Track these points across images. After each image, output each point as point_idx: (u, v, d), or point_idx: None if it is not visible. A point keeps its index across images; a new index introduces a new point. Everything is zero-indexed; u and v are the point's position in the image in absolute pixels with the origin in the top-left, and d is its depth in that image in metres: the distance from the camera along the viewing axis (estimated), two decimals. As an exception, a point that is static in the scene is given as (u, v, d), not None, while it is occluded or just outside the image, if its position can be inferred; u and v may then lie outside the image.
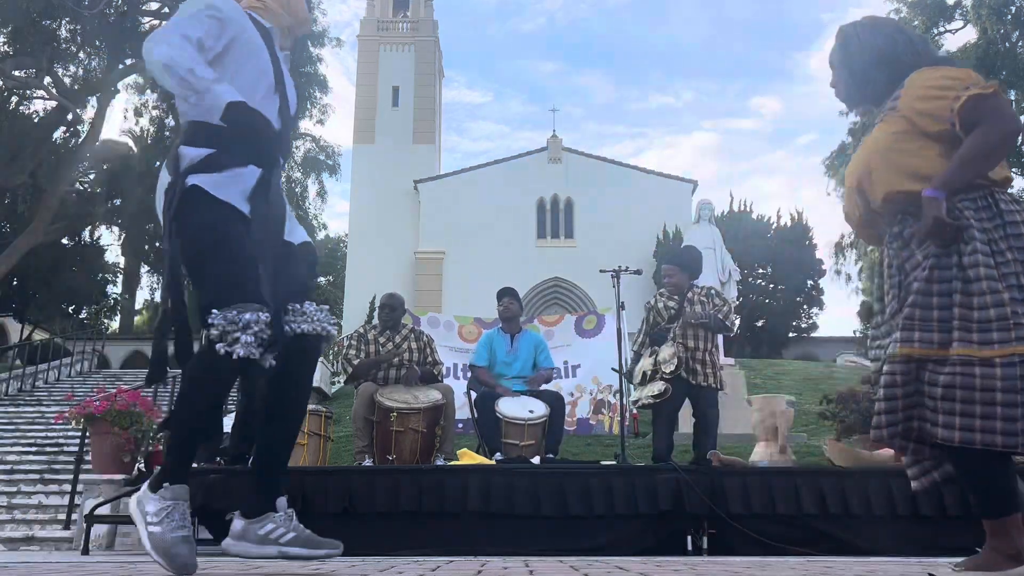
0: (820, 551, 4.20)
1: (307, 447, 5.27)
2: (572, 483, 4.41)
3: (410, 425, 5.21)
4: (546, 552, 4.09)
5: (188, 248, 2.16)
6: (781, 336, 27.45)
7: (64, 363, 17.45)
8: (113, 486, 6.00)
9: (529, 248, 27.57)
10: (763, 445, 5.26)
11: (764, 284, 27.45)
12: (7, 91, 21.66)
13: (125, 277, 32.39)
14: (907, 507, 4.35)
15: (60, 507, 8.03)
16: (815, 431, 9.30)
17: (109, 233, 29.89)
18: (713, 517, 4.31)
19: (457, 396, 6.12)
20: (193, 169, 2.16)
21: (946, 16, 25.23)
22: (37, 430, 11.44)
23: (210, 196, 2.15)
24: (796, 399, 7.36)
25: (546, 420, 5.68)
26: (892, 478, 4.39)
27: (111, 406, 6.05)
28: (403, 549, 4.03)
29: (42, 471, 9.36)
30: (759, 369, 15.48)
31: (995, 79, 23.02)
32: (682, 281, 5.80)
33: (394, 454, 5.16)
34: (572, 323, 10.13)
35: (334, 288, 34.68)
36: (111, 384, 13.61)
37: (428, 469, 4.75)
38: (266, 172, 2.25)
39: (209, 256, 2.13)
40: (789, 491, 4.40)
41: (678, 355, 5.48)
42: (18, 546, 7.14)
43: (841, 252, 28.62)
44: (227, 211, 2.16)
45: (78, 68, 22.64)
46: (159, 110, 24.68)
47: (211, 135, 2.18)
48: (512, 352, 6.13)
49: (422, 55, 31.87)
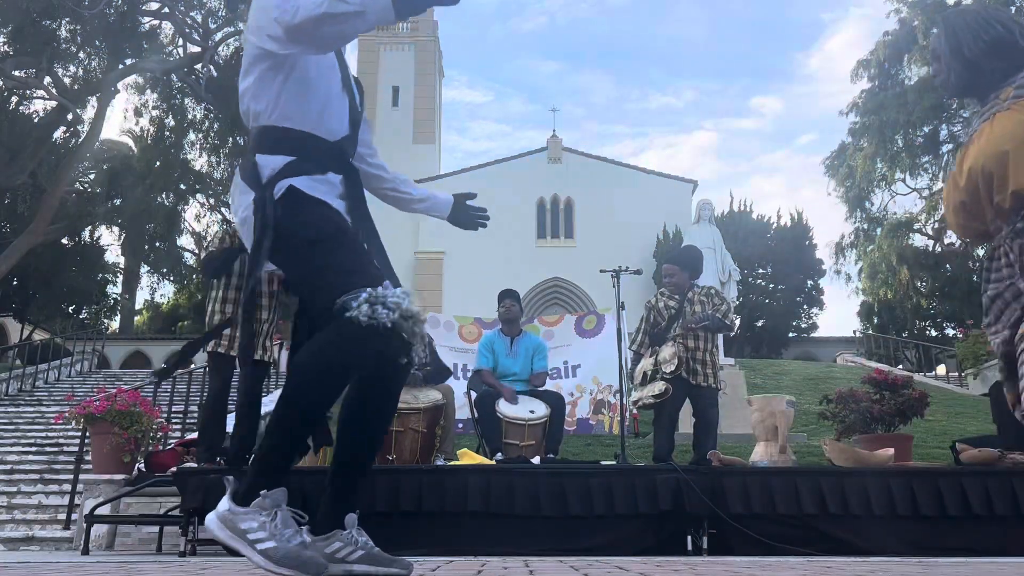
0: (820, 551, 4.20)
1: (307, 447, 5.26)
2: (572, 483, 4.42)
3: (410, 425, 5.21)
4: (546, 552, 4.09)
5: (302, 248, 2.00)
6: (781, 336, 27.45)
7: (64, 363, 17.46)
8: (113, 486, 6.00)
9: (529, 248, 27.58)
10: (763, 445, 5.26)
11: (764, 284, 27.45)
12: (7, 91, 21.65)
13: (125, 277, 32.38)
14: (907, 507, 4.35)
15: (60, 507, 8.03)
16: (815, 431, 9.29)
17: (109, 233, 29.91)
18: (713, 517, 4.31)
19: (457, 396, 6.12)
20: (281, 175, 2.05)
21: (946, 16, 25.22)
22: (37, 430, 11.44)
23: (311, 196, 2.05)
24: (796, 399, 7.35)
25: (547, 421, 5.68)
26: (892, 478, 4.40)
27: (111, 406, 6.05)
28: (403, 549, 4.03)
29: (42, 471, 9.36)
30: (759, 369, 15.47)
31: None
32: (683, 281, 5.80)
33: (394, 454, 5.16)
34: (572, 323, 10.13)
35: (334, 288, 34.66)
36: (111, 384, 13.63)
37: (428, 469, 4.75)
38: (346, 179, 2.16)
39: (330, 245, 1.99)
40: (789, 491, 4.40)
41: (679, 355, 5.48)
42: (18, 546, 7.14)
43: (841, 252, 28.63)
44: (332, 209, 2.07)
45: (78, 68, 22.64)
46: (159, 110, 24.65)
47: (283, 140, 2.08)
48: (512, 355, 6.14)
49: (422, 55, 31.86)
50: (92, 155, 25.25)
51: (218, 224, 28.25)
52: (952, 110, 24.79)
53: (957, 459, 4.94)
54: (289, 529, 1.82)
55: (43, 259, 25.03)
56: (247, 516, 1.83)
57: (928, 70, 24.88)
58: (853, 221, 27.88)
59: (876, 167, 25.88)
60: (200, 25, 23.36)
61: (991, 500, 4.39)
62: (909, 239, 26.94)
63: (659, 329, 5.72)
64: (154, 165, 24.15)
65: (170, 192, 26.18)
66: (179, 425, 9.45)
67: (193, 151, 25.88)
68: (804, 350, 27.89)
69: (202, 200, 28.59)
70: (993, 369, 11.43)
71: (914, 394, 5.90)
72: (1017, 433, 4.98)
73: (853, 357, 20.95)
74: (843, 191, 27.18)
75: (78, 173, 25.97)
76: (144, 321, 36.38)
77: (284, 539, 1.80)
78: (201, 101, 24.23)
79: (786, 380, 14.45)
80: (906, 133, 24.82)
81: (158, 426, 6.64)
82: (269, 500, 1.83)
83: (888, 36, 25.96)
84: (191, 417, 9.64)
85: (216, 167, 26.63)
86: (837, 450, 5.00)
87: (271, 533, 1.80)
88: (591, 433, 9.66)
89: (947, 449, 6.28)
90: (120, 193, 25.37)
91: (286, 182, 2.04)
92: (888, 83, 25.86)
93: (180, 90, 24.46)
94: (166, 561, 3.20)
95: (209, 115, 24.92)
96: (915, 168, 25.83)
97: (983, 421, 9.22)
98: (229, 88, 23.26)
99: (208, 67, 23.50)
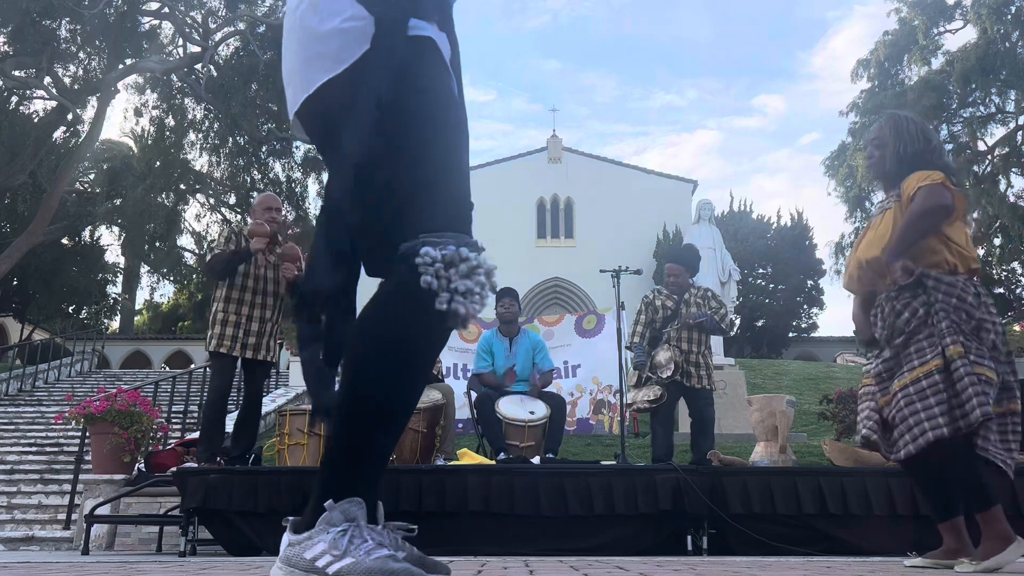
0: (820, 551, 4.20)
1: (307, 447, 5.26)
2: (572, 483, 4.41)
3: (410, 425, 5.20)
4: (546, 552, 4.09)
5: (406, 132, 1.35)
6: (781, 336, 27.45)
7: (64, 363, 17.47)
8: (113, 486, 6.01)
9: (529, 248, 27.55)
10: (763, 445, 5.26)
11: (764, 284, 27.44)
12: (7, 91, 21.65)
13: (125, 277, 32.37)
14: (907, 507, 4.35)
15: (60, 507, 8.03)
16: (815, 431, 9.29)
17: (109, 233, 29.88)
18: (713, 517, 4.31)
19: (457, 396, 6.11)
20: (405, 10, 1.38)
21: (946, 16, 25.22)
22: (37, 430, 11.44)
23: (442, 59, 1.43)
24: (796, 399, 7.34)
25: (546, 421, 5.67)
26: (892, 478, 4.39)
27: (111, 406, 6.06)
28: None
29: (42, 471, 9.36)
30: (759, 369, 15.47)
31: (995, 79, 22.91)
32: (685, 281, 5.84)
33: (394, 454, 5.16)
34: (572, 323, 10.14)
35: (334, 288, 34.63)
36: (111, 384, 13.62)
37: (428, 469, 4.75)
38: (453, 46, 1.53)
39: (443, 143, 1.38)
40: (789, 491, 4.40)
41: (675, 360, 5.50)
42: (18, 546, 7.14)
43: (841, 252, 28.59)
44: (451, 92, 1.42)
45: (78, 68, 22.64)
46: (159, 110, 24.66)
47: None
48: (511, 355, 6.11)
49: (422, 55, 31.77)
50: (92, 155, 25.24)
51: (218, 224, 28.28)
52: (952, 110, 24.80)
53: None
54: (371, 541, 1.36)
55: (43, 259, 25.03)
56: (311, 542, 1.37)
57: (928, 70, 24.90)
58: (853, 221, 27.85)
59: (876, 167, 25.88)
60: (200, 25, 23.36)
61: (991, 500, 4.38)
62: (909, 239, 26.93)
63: (656, 328, 5.73)
64: (154, 165, 24.14)
65: (170, 192, 26.17)
66: (179, 425, 9.45)
67: (193, 151, 25.90)
68: (804, 350, 27.89)
69: (202, 200, 28.61)
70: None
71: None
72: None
73: (853, 357, 20.94)
74: (843, 191, 27.15)
75: (78, 173, 25.96)
76: (144, 321, 36.39)
77: (365, 552, 1.34)
78: (201, 101, 24.23)
79: (786, 380, 14.45)
80: (906, 133, 24.82)
81: (158, 426, 6.64)
82: (337, 513, 1.36)
83: (888, 36, 25.96)
84: (191, 417, 9.64)
85: (216, 167, 26.64)
86: (837, 450, 5.01)
87: (344, 550, 1.34)
88: (591, 433, 9.66)
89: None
90: (120, 193, 25.36)
91: (421, 23, 1.40)
92: (888, 83, 25.84)
93: (180, 90, 24.47)
94: (166, 561, 3.20)
95: (209, 115, 24.93)
96: (915, 168, 25.83)
97: (983, 421, 9.20)
98: (229, 88, 23.28)
99: (208, 67, 23.49)
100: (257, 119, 24.98)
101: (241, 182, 26.67)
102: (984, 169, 24.92)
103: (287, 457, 5.24)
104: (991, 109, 24.69)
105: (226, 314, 5.24)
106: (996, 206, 23.76)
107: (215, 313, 5.31)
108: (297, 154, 27.22)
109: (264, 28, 22.90)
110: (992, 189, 24.09)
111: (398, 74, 1.34)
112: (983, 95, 24.33)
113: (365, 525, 1.35)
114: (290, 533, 1.40)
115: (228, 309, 5.26)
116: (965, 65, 23.03)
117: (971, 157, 24.89)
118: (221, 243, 5.53)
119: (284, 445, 5.27)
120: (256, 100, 24.25)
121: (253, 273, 5.30)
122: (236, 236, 5.41)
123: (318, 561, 1.32)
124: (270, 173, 27.08)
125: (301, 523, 1.39)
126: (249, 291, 5.29)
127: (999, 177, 24.44)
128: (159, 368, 25.47)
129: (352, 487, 1.37)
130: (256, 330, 5.28)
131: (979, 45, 23.24)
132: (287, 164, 27.31)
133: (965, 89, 23.65)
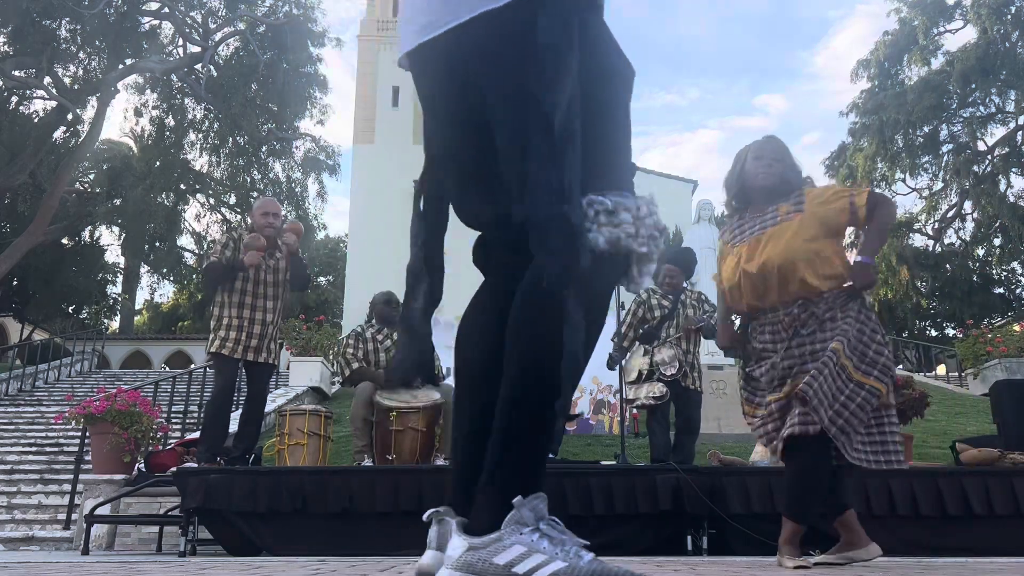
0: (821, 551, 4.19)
1: (307, 447, 5.27)
2: (572, 483, 4.41)
3: (410, 424, 5.21)
4: (546, 552, 4.08)
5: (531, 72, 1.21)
6: (781, 336, 27.44)
7: (64, 363, 17.45)
8: (113, 486, 6.01)
9: (529, 248, 27.56)
10: (763, 445, 5.25)
11: (764, 284, 27.45)
12: (7, 91, 21.66)
13: (125, 277, 32.38)
14: (907, 507, 4.35)
15: (60, 507, 8.03)
16: (815, 431, 9.27)
17: (109, 233, 29.89)
18: (713, 517, 4.31)
19: (457, 396, 6.11)
20: None
21: (946, 16, 25.23)
22: (37, 430, 11.43)
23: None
24: (796, 399, 7.33)
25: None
26: (892, 478, 4.39)
27: (111, 406, 6.06)
28: (403, 549, 4.03)
29: (42, 471, 9.35)
30: (759, 369, 15.44)
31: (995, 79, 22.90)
32: (681, 282, 5.87)
33: (394, 454, 5.16)
34: (572, 323, 10.14)
35: (334, 288, 34.68)
36: (111, 384, 13.62)
37: (428, 469, 4.75)
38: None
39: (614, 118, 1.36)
40: (789, 491, 4.40)
41: (678, 358, 5.51)
42: (18, 546, 7.14)
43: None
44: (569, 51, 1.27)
45: (78, 68, 22.66)
46: (159, 110, 24.68)
47: None
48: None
49: (422, 55, 31.78)
50: (92, 155, 25.28)
51: (218, 224, 28.29)
52: (952, 110, 24.80)
53: (957, 459, 4.94)
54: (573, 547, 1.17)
55: (43, 259, 25.04)
56: (503, 544, 1.16)
57: (928, 70, 24.91)
58: (853, 221, 27.87)
59: (876, 167, 25.89)
60: (200, 25, 23.38)
61: (991, 500, 4.39)
62: (909, 239, 26.94)
63: (650, 327, 5.73)
64: (154, 165, 24.17)
65: (170, 192, 26.19)
66: (179, 425, 9.45)
67: (193, 151, 25.93)
68: (804, 350, 27.86)
69: (202, 200, 28.62)
70: (993, 369, 11.43)
71: (914, 394, 5.89)
72: (1017, 433, 4.99)
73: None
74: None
75: (78, 173, 25.99)
76: (144, 321, 36.41)
77: (573, 555, 1.15)
78: (201, 101, 24.25)
79: (786, 380, 14.40)
80: (906, 133, 24.83)
81: (158, 426, 6.64)
82: (527, 510, 1.17)
83: (888, 36, 25.98)
84: (191, 417, 9.64)
85: (216, 167, 26.66)
86: (837, 450, 5.00)
87: (551, 554, 1.14)
88: (591, 433, 9.66)
89: (947, 449, 6.28)
90: (120, 193, 25.38)
91: None
92: (888, 83, 25.87)
93: (180, 90, 24.48)
94: (166, 561, 3.20)
95: (209, 115, 24.95)
96: (915, 168, 25.83)
97: (983, 421, 9.21)
98: (229, 88, 23.30)
99: (208, 67, 23.51)
100: (257, 119, 25.00)
101: (241, 182, 26.69)
102: (984, 169, 24.92)
103: (287, 457, 5.25)
104: (991, 109, 24.70)
105: (229, 318, 5.25)
106: (996, 206, 23.77)
107: (218, 318, 5.31)
108: (297, 154, 27.26)
109: (264, 28, 22.91)
110: (992, 189, 24.10)
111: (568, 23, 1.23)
112: (983, 95, 24.33)
113: (558, 523, 1.20)
114: (466, 536, 1.20)
115: (230, 313, 5.26)
116: (965, 65, 23.04)
117: (971, 157, 24.90)
118: (218, 250, 5.48)
119: (284, 445, 5.28)
120: (256, 100, 24.27)
121: (253, 276, 5.31)
122: (235, 243, 5.40)
123: (516, 567, 1.14)
124: (270, 173, 27.11)
125: (478, 523, 1.20)
126: (250, 294, 5.30)
127: (999, 177, 24.44)
128: (159, 368, 25.47)
129: (536, 482, 1.21)
130: (258, 332, 5.29)
131: (979, 45, 23.24)
132: (287, 164, 27.35)
133: (965, 89, 23.65)
